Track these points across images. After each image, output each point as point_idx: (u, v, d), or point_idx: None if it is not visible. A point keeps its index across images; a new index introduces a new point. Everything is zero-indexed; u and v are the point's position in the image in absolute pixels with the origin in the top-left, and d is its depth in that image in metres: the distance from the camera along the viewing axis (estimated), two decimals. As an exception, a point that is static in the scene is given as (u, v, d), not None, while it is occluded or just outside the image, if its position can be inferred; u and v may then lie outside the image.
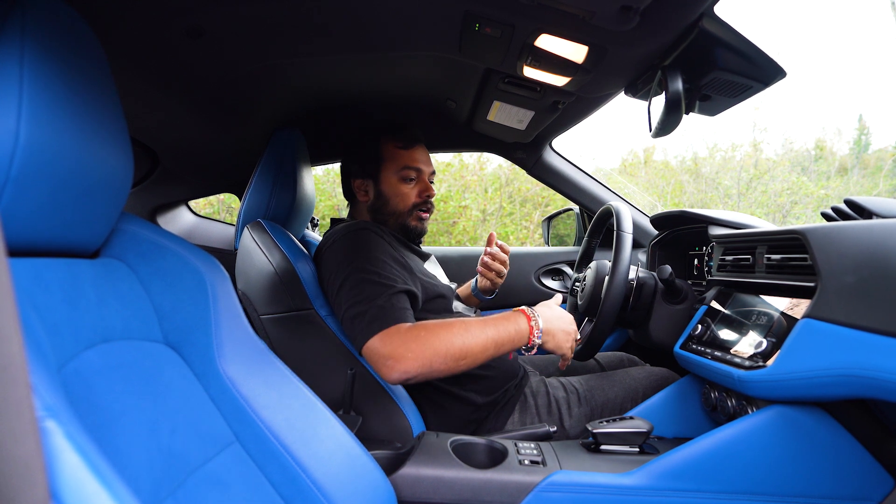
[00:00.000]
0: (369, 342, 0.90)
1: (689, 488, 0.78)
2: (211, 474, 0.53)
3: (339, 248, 1.03)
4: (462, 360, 0.90)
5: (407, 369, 0.87)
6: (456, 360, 0.89)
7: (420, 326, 0.91)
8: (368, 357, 0.91)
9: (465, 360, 0.90)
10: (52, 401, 0.32)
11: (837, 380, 0.70)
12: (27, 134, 0.42)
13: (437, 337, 0.89)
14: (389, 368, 0.88)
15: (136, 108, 1.14)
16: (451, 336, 0.90)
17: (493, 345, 0.92)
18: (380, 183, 1.18)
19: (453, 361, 0.89)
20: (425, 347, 0.88)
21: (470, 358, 0.90)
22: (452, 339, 0.89)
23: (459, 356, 0.89)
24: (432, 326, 0.91)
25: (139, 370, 0.51)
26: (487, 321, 0.94)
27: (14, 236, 0.44)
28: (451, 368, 0.90)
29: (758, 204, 5.88)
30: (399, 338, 0.89)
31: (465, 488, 0.78)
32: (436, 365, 0.88)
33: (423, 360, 0.88)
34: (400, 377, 0.88)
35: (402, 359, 0.87)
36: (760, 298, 0.91)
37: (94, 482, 0.30)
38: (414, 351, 0.88)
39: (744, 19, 0.80)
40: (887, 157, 6.87)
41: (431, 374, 0.89)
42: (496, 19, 0.88)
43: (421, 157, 1.20)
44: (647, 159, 7.05)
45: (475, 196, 5.74)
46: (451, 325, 0.92)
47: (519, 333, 0.94)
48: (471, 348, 0.90)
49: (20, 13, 0.43)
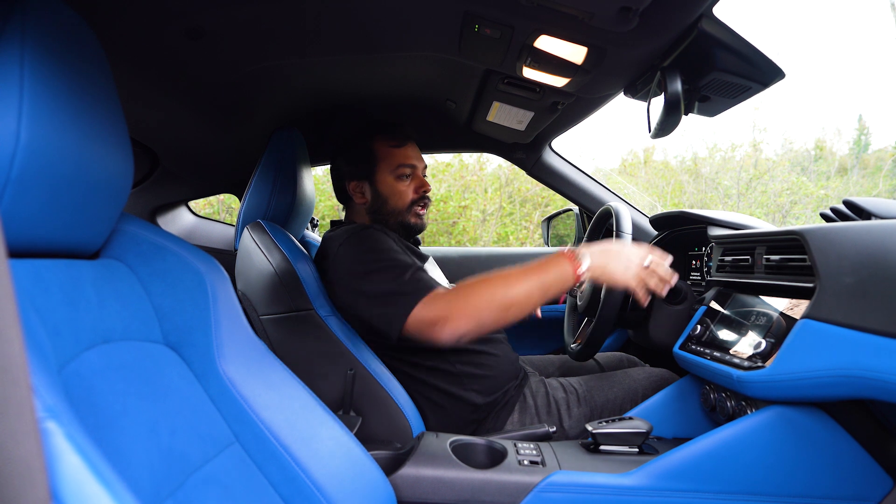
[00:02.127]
0: (412, 315, 0.91)
1: (688, 488, 0.78)
2: (211, 475, 0.53)
3: (350, 246, 1.03)
4: (509, 310, 0.90)
5: (457, 328, 0.88)
6: (503, 310, 0.89)
7: (459, 287, 0.92)
8: (414, 329, 0.91)
9: (512, 309, 0.90)
10: (52, 402, 0.33)
11: (836, 380, 0.70)
12: (28, 135, 0.42)
13: (480, 292, 0.90)
14: (439, 331, 0.89)
15: (137, 109, 1.14)
16: (494, 289, 0.90)
17: (539, 291, 0.91)
18: (376, 183, 1.18)
19: (500, 312, 0.89)
20: (469, 304, 0.89)
21: (517, 307, 0.90)
22: (495, 292, 0.90)
23: (506, 307, 0.89)
24: (472, 283, 0.92)
25: (139, 371, 0.51)
26: (528, 269, 0.93)
27: (14, 237, 0.44)
28: (500, 320, 0.90)
29: (757, 204, 5.88)
30: (441, 300, 0.91)
31: (464, 488, 0.79)
32: (484, 319, 0.89)
33: (470, 316, 0.88)
34: (451, 337, 0.89)
35: (450, 319, 0.89)
36: (760, 299, 0.91)
37: (94, 483, 0.30)
38: (460, 309, 0.89)
39: (743, 20, 0.80)
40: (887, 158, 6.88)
41: (482, 329, 0.90)
42: (496, 20, 0.88)
43: (414, 153, 1.20)
44: (646, 159, 7.06)
45: (475, 196, 5.74)
46: (491, 280, 0.92)
47: (563, 275, 0.92)
48: (515, 298, 0.90)
49: (21, 14, 0.43)
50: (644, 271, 0.94)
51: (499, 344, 1.15)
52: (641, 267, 0.94)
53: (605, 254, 0.94)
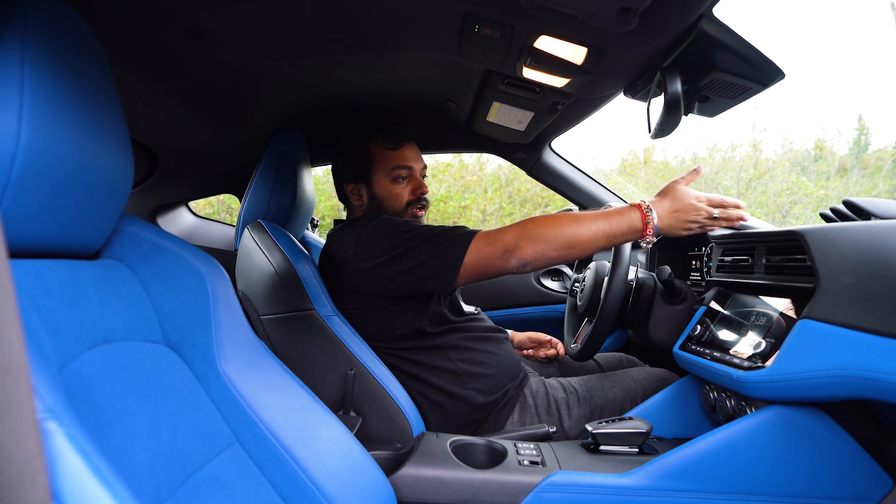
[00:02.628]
0: (468, 255, 0.94)
1: (688, 489, 0.78)
2: (211, 475, 0.53)
3: (372, 234, 1.04)
4: (573, 248, 0.92)
5: (523, 256, 0.92)
6: (567, 247, 0.92)
7: (526, 220, 0.95)
8: (474, 268, 0.94)
9: (577, 248, 0.92)
10: (53, 402, 0.33)
11: (836, 380, 0.70)
12: (28, 135, 0.42)
13: (548, 225, 0.93)
14: (507, 259, 0.92)
15: (137, 109, 1.14)
16: (562, 225, 0.93)
17: (604, 236, 0.93)
18: (372, 186, 1.18)
19: (565, 249, 0.92)
20: (536, 236, 0.92)
21: (581, 247, 0.93)
22: (563, 228, 0.93)
23: (571, 244, 0.92)
24: (540, 218, 0.95)
25: (140, 371, 0.51)
26: (599, 214, 0.95)
27: (15, 237, 0.44)
28: (563, 256, 0.93)
29: (757, 204, 5.88)
30: (501, 234, 0.94)
31: (464, 488, 0.79)
32: (549, 251, 0.92)
33: (536, 247, 0.91)
34: (517, 263, 0.92)
35: (516, 248, 0.92)
36: (759, 299, 0.91)
37: (95, 483, 0.30)
38: (526, 240, 0.92)
39: (743, 20, 0.80)
40: (887, 158, 6.88)
41: (545, 262, 0.93)
42: (496, 20, 0.88)
43: (410, 154, 1.19)
44: (646, 159, 7.06)
45: (475, 196, 5.74)
46: (560, 217, 0.95)
47: (632, 226, 0.94)
48: (581, 237, 0.92)
49: (21, 15, 0.43)
50: (712, 222, 0.97)
51: (500, 343, 1.15)
52: (709, 219, 0.96)
53: (674, 211, 0.95)
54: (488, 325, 1.18)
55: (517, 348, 1.39)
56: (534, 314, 1.78)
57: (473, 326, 1.13)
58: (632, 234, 0.95)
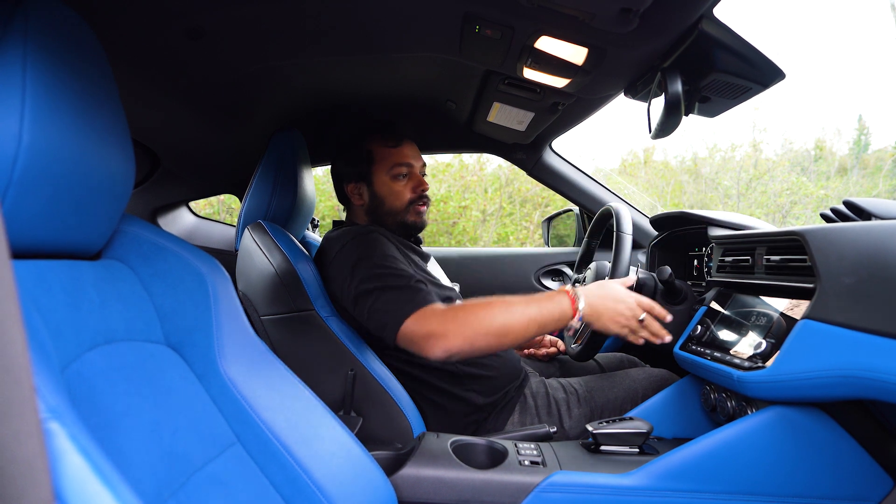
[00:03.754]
0: (405, 324, 0.90)
1: (688, 489, 0.78)
2: (212, 475, 0.53)
3: (350, 250, 1.03)
4: (505, 338, 0.89)
5: (449, 346, 0.87)
6: (498, 337, 0.89)
7: (457, 307, 0.92)
8: (407, 339, 0.91)
9: (508, 337, 0.89)
10: (55, 402, 0.33)
11: (836, 381, 0.70)
12: (30, 136, 0.42)
13: (477, 315, 0.89)
14: (432, 346, 0.88)
15: (137, 110, 1.14)
16: (492, 314, 0.89)
17: (536, 324, 0.91)
18: (373, 185, 1.18)
19: (495, 339, 0.89)
20: (466, 324, 0.88)
21: (512, 336, 0.90)
22: (493, 317, 0.89)
23: (501, 333, 0.89)
24: (470, 305, 0.91)
25: (141, 371, 0.52)
26: (530, 300, 0.93)
27: (17, 238, 0.44)
28: (493, 346, 0.89)
29: (757, 204, 5.88)
30: (437, 317, 0.90)
31: (465, 489, 0.79)
32: (478, 342, 0.88)
33: (464, 336, 0.87)
34: (443, 354, 0.88)
35: (443, 336, 0.88)
36: (760, 299, 0.91)
37: (97, 483, 0.31)
38: (455, 328, 0.88)
39: (743, 21, 0.80)
40: (887, 158, 6.88)
41: (474, 352, 0.89)
42: (496, 21, 0.88)
43: (410, 152, 1.19)
44: (646, 160, 7.06)
45: (475, 196, 5.75)
46: (491, 304, 0.91)
47: (562, 312, 0.92)
48: (512, 326, 0.89)
49: (23, 17, 0.43)
50: (637, 324, 0.95)
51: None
52: (635, 321, 0.95)
53: (602, 300, 0.94)
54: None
55: (516, 347, 1.39)
56: None
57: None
58: (562, 320, 0.92)
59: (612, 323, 0.94)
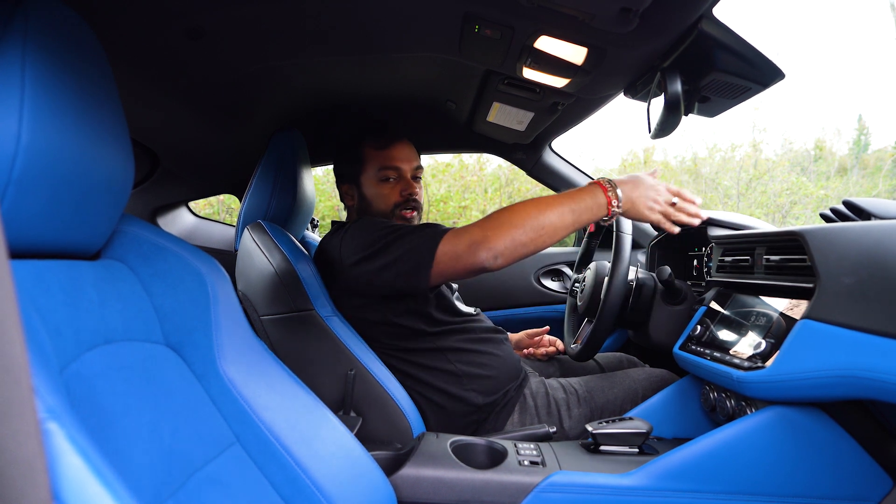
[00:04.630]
0: (440, 248, 0.91)
1: (688, 489, 0.78)
2: (212, 475, 0.53)
3: (353, 232, 1.04)
4: (543, 231, 0.89)
5: (493, 246, 0.88)
6: (537, 230, 0.89)
7: (489, 214, 0.92)
8: (447, 261, 0.91)
9: (546, 230, 0.90)
10: (54, 403, 0.33)
11: (836, 381, 0.70)
12: (29, 136, 0.42)
13: (512, 214, 0.90)
14: (476, 253, 0.88)
15: (137, 110, 1.14)
16: (527, 211, 0.90)
17: (571, 216, 0.91)
18: (361, 186, 1.18)
19: (535, 233, 0.89)
20: (503, 223, 0.89)
21: (549, 229, 0.90)
22: (528, 214, 0.90)
23: (539, 227, 0.89)
24: (502, 210, 0.92)
25: (140, 371, 0.51)
26: (562, 195, 0.93)
27: (16, 238, 0.44)
28: (535, 241, 0.89)
29: (757, 204, 5.88)
30: (470, 228, 0.91)
31: (465, 489, 0.79)
32: (519, 238, 0.88)
33: (504, 234, 0.88)
34: (490, 257, 0.88)
35: (484, 239, 0.88)
36: (759, 299, 0.91)
37: (95, 484, 0.31)
38: (493, 230, 0.89)
39: (743, 21, 0.80)
40: (887, 158, 6.88)
41: (517, 250, 0.89)
42: (496, 21, 0.88)
43: (400, 154, 1.18)
44: (646, 160, 7.06)
45: (475, 196, 5.74)
46: (524, 203, 0.92)
47: (597, 203, 0.92)
48: (549, 218, 0.89)
49: (22, 16, 0.43)
50: (671, 208, 0.96)
51: (500, 344, 1.15)
52: (668, 205, 0.96)
53: (636, 188, 0.94)
54: (488, 326, 1.18)
55: (515, 347, 1.38)
56: (534, 314, 1.78)
57: (473, 328, 1.13)
58: (597, 211, 0.92)
59: (647, 210, 0.94)
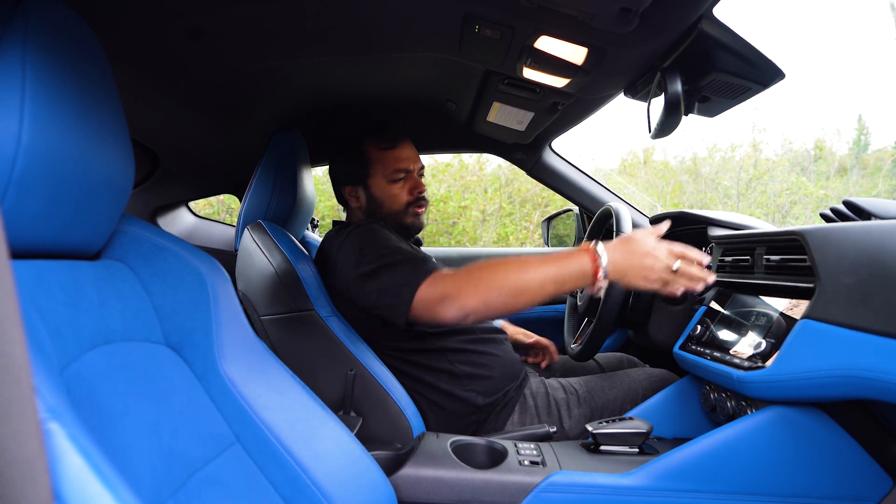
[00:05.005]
0: (417, 295, 0.88)
1: (688, 489, 0.78)
2: (212, 475, 0.53)
3: (353, 240, 1.03)
4: (521, 297, 0.85)
5: (464, 305, 0.85)
6: (513, 296, 0.85)
7: (471, 266, 0.89)
8: (420, 310, 0.89)
9: (524, 296, 0.86)
10: (54, 402, 0.33)
11: (836, 380, 0.70)
12: (29, 136, 0.42)
13: (492, 274, 0.86)
14: (447, 308, 0.86)
15: (137, 110, 1.14)
16: (507, 272, 0.86)
17: (554, 283, 0.86)
18: (370, 188, 1.18)
19: (511, 298, 0.85)
20: (480, 282, 0.86)
21: (528, 295, 0.85)
22: (508, 275, 0.86)
23: (516, 292, 0.85)
24: (486, 264, 0.88)
25: (141, 371, 0.51)
26: (547, 258, 0.87)
27: (16, 238, 0.44)
28: (509, 305, 0.86)
29: (757, 204, 5.88)
30: (449, 279, 0.89)
31: (465, 489, 0.79)
32: (494, 300, 0.85)
33: (479, 295, 0.85)
34: (459, 314, 0.86)
35: (458, 295, 0.86)
36: (759, 299, 0.91)
37: (96, 483, 0.31)
38: (469, 287, 0.86)
39: (743, 20, 0.80)
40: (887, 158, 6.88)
41: (489, 310, 0.86)
42: (496, 21, 0.88)
43: (407, 154, 1.18)
44: (646, 160, 7.05)
45: (475, 196, 5.74)
46: (507, 263, 0.88)
47: (582, 271, 0.85)
48: (528, 285, 0.85)
49: (22, 16, 0.43)
50: (671, 275, 0.86)
51: (500, 344, 1.15)
52: (668, 272, 0.85)
53: (628, 256, 0.85)
54: (488, 327, 1.18)
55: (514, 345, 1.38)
56: (534, 314, 1.78)
57: (472, 328, 1.13)
58: (582, 280, 0.86)
59: (641, 279, 0.86)
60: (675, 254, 0.87)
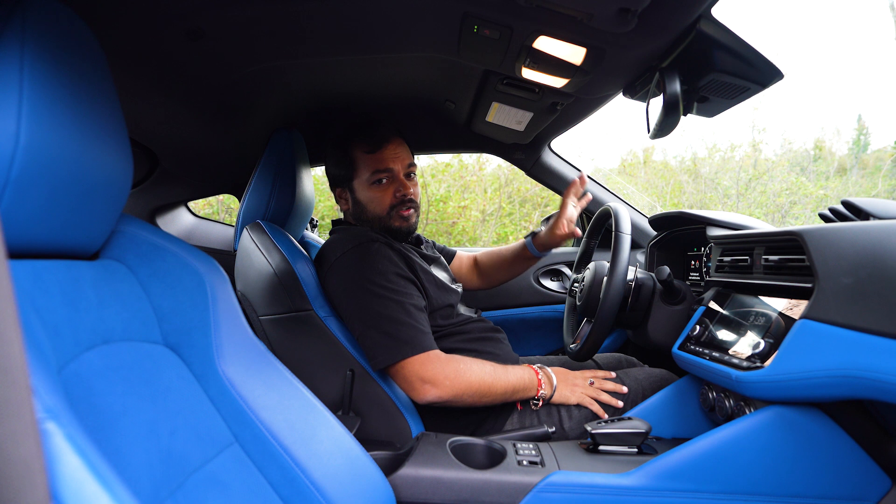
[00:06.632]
0: (405, 363, 0.97)
1: (687, 488, 0.78)
2: (210, 475, 0.53)
3: (350, 261, 1.04)
4: (485, 398, 1.00)
5: (441, 395, 0.96)
6: (481, 396, 0.99)
7: (458, 360, 1.00)
8: (402, 375, 0.98)
9: (487, 398, 1.00)
10: (52, 402, 0.33)
11: (835, 380, 0.70)
12: (27, 136, 0.42)
13: (473, 373, 0.99)
14: (426, 391, 0.96)
15: (136, 110, 1.14)
16: (483, 375, 0.99)
17: (510, 392, 1.02)
18: (354, 190, 1.18)
19: (478, 397, 0.99)
20: (461, 380, 0.97)
21: (490, 397, 1.00)
22: (483, 378, 0.99)
23: (484, 393, 0.99)
24: (469, 362, 1.00)
25: (139, 371, 0.51)
26: (510, 368, 1.04)
27: (14, 238, 0.44)
28: (474, 403, 0.99)
29: (757, 204, 5.88)
30: (439, 365, 0.98)
31: (463, 489, 0.79)
32: (464, 397, 0.98)
33: (457, 389, 0.97)
34: (432, 400, 0.97)
35: (439, 385, 0.96)
36: (758, 299, 0.91)
37: (94, 483, 0.31)
38: (451, 380, 0.97)
39: (742, 20, 0.80)
40: (886, 158, 6.88)
41: (455, 404, 0.98)
42: (494, 21, 0.88)
43: (391, 155, 1.16)
44: (646, 160, 7.05)
45: (474, 196, 5.74)
46: (485, 366, 1.01)
47: (530, 387, 1.04)
48: (494, 389, 1.00)
49: (21, 16, 0.43)
50: (591, 389, 1.08)
51: (499, 344, 1.14)
52: (586, 387, 1.08)
53: (560, 379, 1.08)
54: (487, 327, 1.18)
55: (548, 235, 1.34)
56: (533, 314, 1.78)
57: (472, 329, 1.13)
58: (528, 394, 1.04)
59: (568, 395, 1.07)
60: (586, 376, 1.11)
